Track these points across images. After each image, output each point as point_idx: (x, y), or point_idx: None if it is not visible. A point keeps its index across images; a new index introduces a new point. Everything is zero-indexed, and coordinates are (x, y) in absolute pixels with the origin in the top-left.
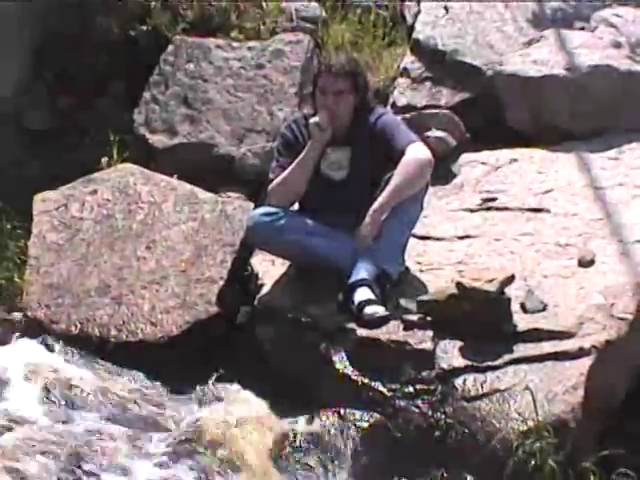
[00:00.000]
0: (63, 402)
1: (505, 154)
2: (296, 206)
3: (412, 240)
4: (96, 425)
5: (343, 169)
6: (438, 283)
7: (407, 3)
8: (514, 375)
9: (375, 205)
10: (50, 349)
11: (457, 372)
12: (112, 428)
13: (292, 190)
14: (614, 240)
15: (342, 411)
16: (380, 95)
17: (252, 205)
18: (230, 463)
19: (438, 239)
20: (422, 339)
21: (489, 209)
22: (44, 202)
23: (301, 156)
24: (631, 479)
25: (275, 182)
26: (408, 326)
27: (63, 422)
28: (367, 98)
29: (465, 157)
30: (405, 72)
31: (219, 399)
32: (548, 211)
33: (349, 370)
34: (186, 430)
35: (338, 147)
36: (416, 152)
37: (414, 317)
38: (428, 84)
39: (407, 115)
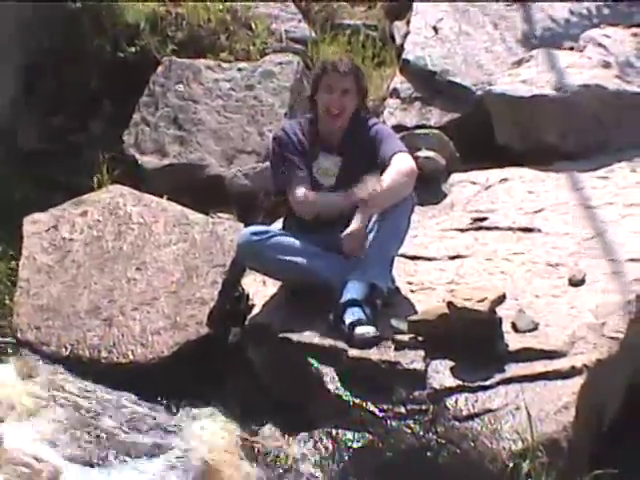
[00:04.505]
0: None
1: (495, 174)
2: (279, 224)
3: (403, 260)
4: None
5: (332, 176)
6: (429, 303)
7: (396, 24)
8: (506, 395)
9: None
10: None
11: (449, 392)
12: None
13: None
14: (605, 259)
15: (333, 431)
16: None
17: (242, 226)
18: None
19: (429, 259)
20: (413, 359)
21: (480, 229)
22: (34, 224)
23: (334, 201)
24: None
25: (303, 198)
26: (399, 346)
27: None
28: (365, 101)
29: (455, 177)
30: (395, 92)
31: (209, 420)
32: (539, 230)
33: (340, 390)
34: (177, 452)
35: (330, 154)
36: (400, 162)
37: (405, 337)
38: (418, 104)
39: (397, 135)
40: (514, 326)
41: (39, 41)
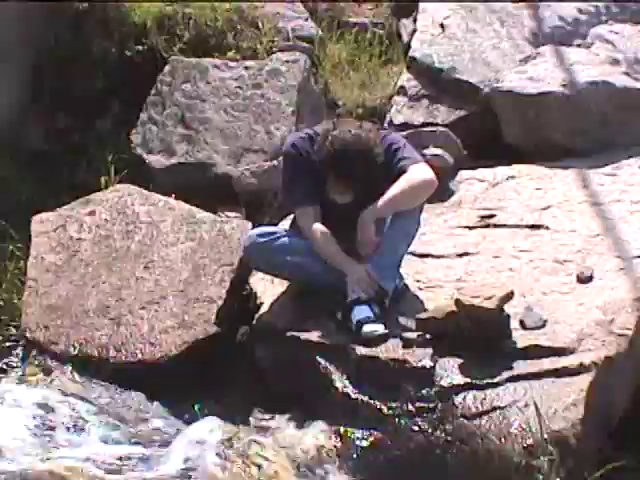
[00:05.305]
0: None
1: (503, 171)
2: (287, 223)
3: (411, 258)
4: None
5: (346, 194)
6: (437, 301)
7: (403, 21)
8: (514, 392)
9: (366, 210)
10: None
11: (457, 390)
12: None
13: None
14: (612, 256)
15: (341, 430)
16: (377, 113)
17: (250, 224)
18: None
19: (437, 257)
20: (421, 357)
21: (487, 226)
22: (42, 223)
23: (333, 255)
24: None
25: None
26: (407, 344)
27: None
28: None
29: (463, 174)
30: (402, 90)
31: (219, 419)
32: (546, 227)
33: (348, 389)
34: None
35: None
36: (418, 172)
37: (413, 335)
38: (425, 102)
39: (404, 133)
40: (522, 323)
41: (45, 41)
